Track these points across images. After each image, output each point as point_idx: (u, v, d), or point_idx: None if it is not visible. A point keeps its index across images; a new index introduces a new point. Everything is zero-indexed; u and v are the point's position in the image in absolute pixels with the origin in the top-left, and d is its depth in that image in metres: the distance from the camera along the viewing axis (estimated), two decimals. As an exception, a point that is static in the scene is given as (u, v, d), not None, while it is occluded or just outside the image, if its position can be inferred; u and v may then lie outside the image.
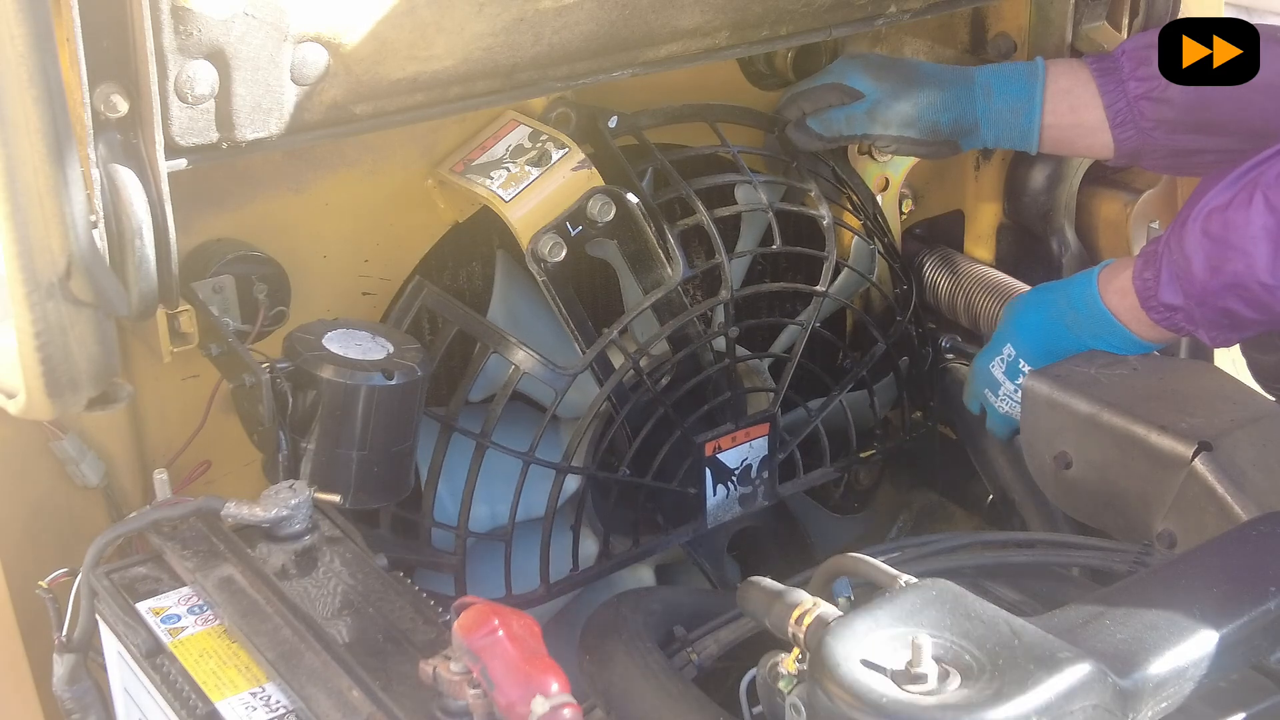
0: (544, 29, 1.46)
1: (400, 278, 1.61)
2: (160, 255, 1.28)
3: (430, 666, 1.03)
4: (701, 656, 1.43)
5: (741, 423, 1.69)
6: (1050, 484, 1.65)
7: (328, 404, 1.36)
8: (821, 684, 1.05)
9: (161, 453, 1.49)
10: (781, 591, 1.23)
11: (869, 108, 1.69)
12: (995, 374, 1.70)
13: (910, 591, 1.14)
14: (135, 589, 1.23)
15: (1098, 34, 1.93)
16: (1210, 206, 1.46)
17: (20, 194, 1.04)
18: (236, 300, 1.46)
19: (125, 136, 1.25)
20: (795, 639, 1.17)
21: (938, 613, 1.10)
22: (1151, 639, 1.12)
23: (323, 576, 1.22)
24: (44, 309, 1.09)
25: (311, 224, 1.53)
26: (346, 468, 1.38)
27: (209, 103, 1.29)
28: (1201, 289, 1.50)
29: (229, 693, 1.12)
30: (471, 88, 1.47)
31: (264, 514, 1.25)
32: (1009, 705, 1.01)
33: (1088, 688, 1.04)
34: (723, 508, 1.72)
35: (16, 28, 1.00)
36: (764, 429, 1.71)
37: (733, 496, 1.73)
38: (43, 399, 1.14)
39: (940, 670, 1.04)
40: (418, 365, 1.40)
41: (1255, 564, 1.23)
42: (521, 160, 1.53)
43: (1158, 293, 1.53)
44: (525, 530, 1.61)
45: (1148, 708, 1.10)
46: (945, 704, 1.02)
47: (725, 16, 1.58)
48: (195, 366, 1.46)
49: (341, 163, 1.52)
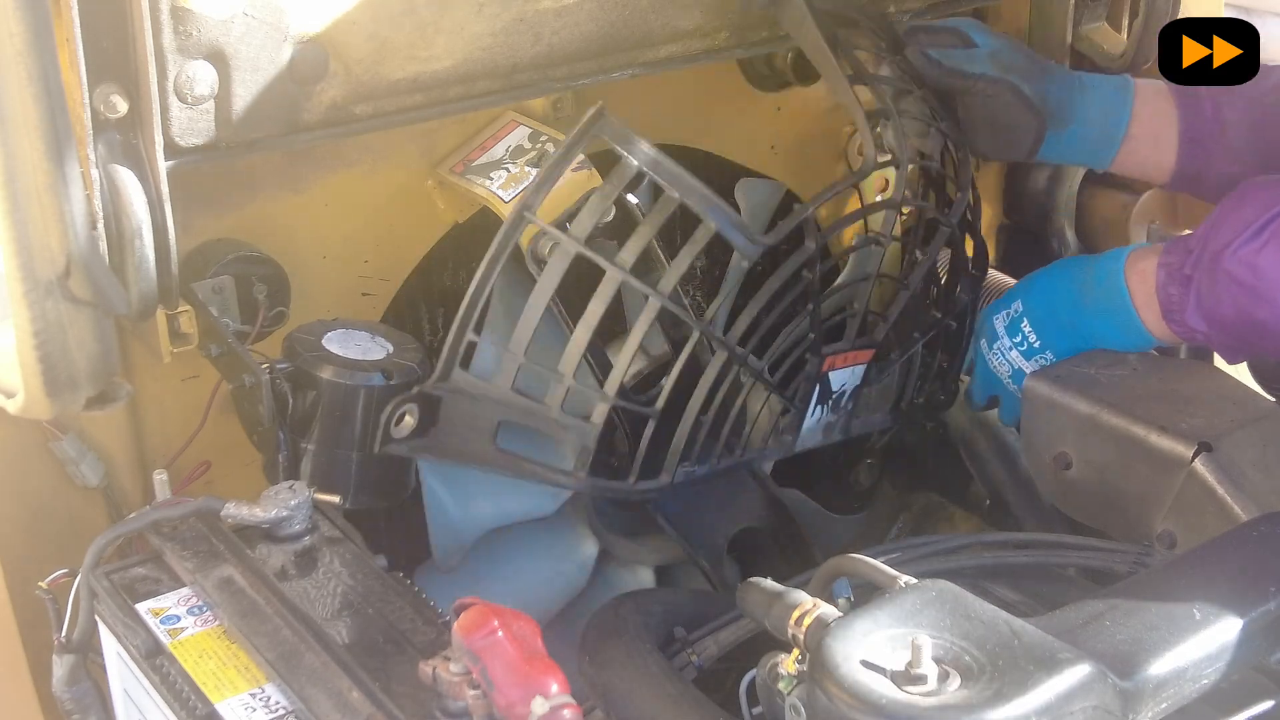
0: (544, 29, 1.46)
1: (400, 278, 1.61)
2: (160, 255, 1.28)
3: (430, 667, 1.03)
4: (701, 657, 1.43)
5: (859, 342, 1.61)
6: (1050, 485, 1.65)
7: (327, 404, 1.36)
8: (821, 685, 1.05)
9: (161, 453, 1.49)
10: (781, 592, 1.23)
11: (991, 51, 1.65)
12: (997, 326, 1.66)
13: (910, 592, 1.14)
14: (135, 590, 1.23)
15: (1097, 34, 1.93)
16: (1242, 249, 1.44)
17: (19, 193, 1.04)
18: (236, 301, 1.46)
19: (125, 136, 1.25)
20: (795, 640, 1.17)
21: (938, 613, 1.09)
22: (1152, 640, 1.12)
23: (322, 577, 1.22)
24: (43, 308, 1.09)
25: (311, 224, 1.53)
26: (346, 468, 1.38)
27: (209, 103, 1.29)
28: (1229, 327, 1.49)
29: (229, 694, 1.12)
30: (471, 88, 1.47)
31: (264, 514, 1.25)
32: (1009, 706, 1.01)
33: (1088, 688, 1.04)
34: (811, 433, 1.64)
35: (16, 27, 1.00)
36: (868, 354, 1.63)
37: (822, 422, 1.65)
38: (42, 398, 1.14)
39: (940, 671, 1.04)
40: (417, 365, 1.40)
41: (1256, 564, 1.23)
42: (521, 161, 1.53)
43: (1184, 315, 1.51)
44: (527, 535, 1.61)
45: (1148, 708, 1.10)
46: (945, 705, 1.01)
47: (725, 17, 1.58)
48: (195, 367, 1.46)
49: (341, 163, 1.52)
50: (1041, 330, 1.61)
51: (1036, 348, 1.62)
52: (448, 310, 1.69)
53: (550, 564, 1.67)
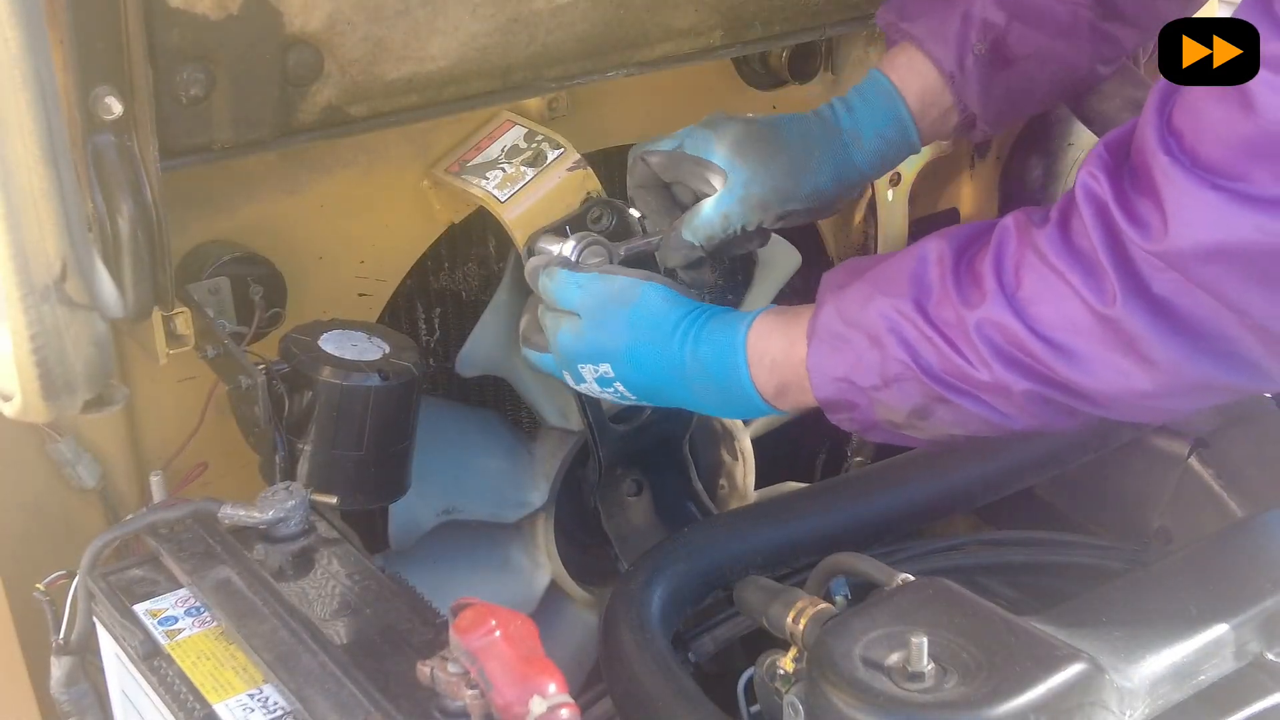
0: (538, 29, 1.46)
1: (396, 279, 1.61)
2: (155, 257, 1.28)
3: (428, 667, 1.03)
4: (699, 654, 1.43)
5: None
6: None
7: (324, 405, 1.36)
8: (819, 683, 1.05)
9: (158, 455, 1.49)
10: (779, 590, 1.23)
11: (742, 194, 1.43)
12: (585, 374, 1.38)
13: (907, 590, 1.14)
14: (132, 591, 1.23)
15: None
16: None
17: (15, 197, 1.04)
18: (232, 302, 1.45)
19: (120, 138, 1.24)
20: (793, 638, 1.18)
21: (935, 611, 1.10)
22: (1148, 636, 1.13)
23: (320, 578, 1.22)
24: (39, 311, 1.09)
25: (307, 225, 1.52)
26: (343, 469, 1.38)
27: (203, 104, 1.29)
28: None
29: (227, 695, 1.12)
30: (466, 88, 1.47)
31: (261, 515, 1.25)
32: (1006, 703, 1.01)
33: (1084, 685, 1.05)
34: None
35: (10, 30, 1.00)
36: None
37: None
38: (38, 401, 1.14)
39: (937, 668, 1.04)
40: (414, 365, 1.40)
41: (1251, 560, 1.24)
42: (517, 160, 1.53)
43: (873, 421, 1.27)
44: (483, 542, 1.62)
45: (1144, 704, 1.10)
46: (943, 702, 1.02)
47: (719, 16, 1.58)
48: (191, 368, 1.45)
49: (336, 164, 1.52)
50: (639, 393, 1.38)
51: (632, 399, 1.40)
52: (444, 310, 1.69)
53: (500, 576, 1.68)
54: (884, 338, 1.19)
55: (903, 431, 1.24)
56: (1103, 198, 1.08)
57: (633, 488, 1.69)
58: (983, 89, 1.46)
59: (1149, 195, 1.06)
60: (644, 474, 1.68)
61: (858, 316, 1.21)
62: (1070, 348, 1.10)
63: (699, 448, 1.77)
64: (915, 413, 1.20)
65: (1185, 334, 1.07)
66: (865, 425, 1.25)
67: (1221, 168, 1.02)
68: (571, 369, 1.39)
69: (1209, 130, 1.03)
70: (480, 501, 1.63)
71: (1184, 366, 1.08)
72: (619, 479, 1.67)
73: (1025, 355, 1.12)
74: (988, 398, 1.15)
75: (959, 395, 1.16)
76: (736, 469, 1.79)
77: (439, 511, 1.59)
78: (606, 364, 1.36)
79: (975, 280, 1.15)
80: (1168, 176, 1.04)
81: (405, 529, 1.58)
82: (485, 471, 1.64)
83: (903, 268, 1.21)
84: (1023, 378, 1.13)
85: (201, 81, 1.27)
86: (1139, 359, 1.09)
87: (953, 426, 1.21)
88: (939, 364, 1.16)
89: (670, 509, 1.70)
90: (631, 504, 1.69)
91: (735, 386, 1.30)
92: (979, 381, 1.15)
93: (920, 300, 1.18)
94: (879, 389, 1.20)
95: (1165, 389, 1.10)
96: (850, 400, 1.23)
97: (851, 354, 1.21)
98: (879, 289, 1.21)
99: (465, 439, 1.65)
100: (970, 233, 1.21)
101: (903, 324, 1.18)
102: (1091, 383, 1.11)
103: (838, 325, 1.22)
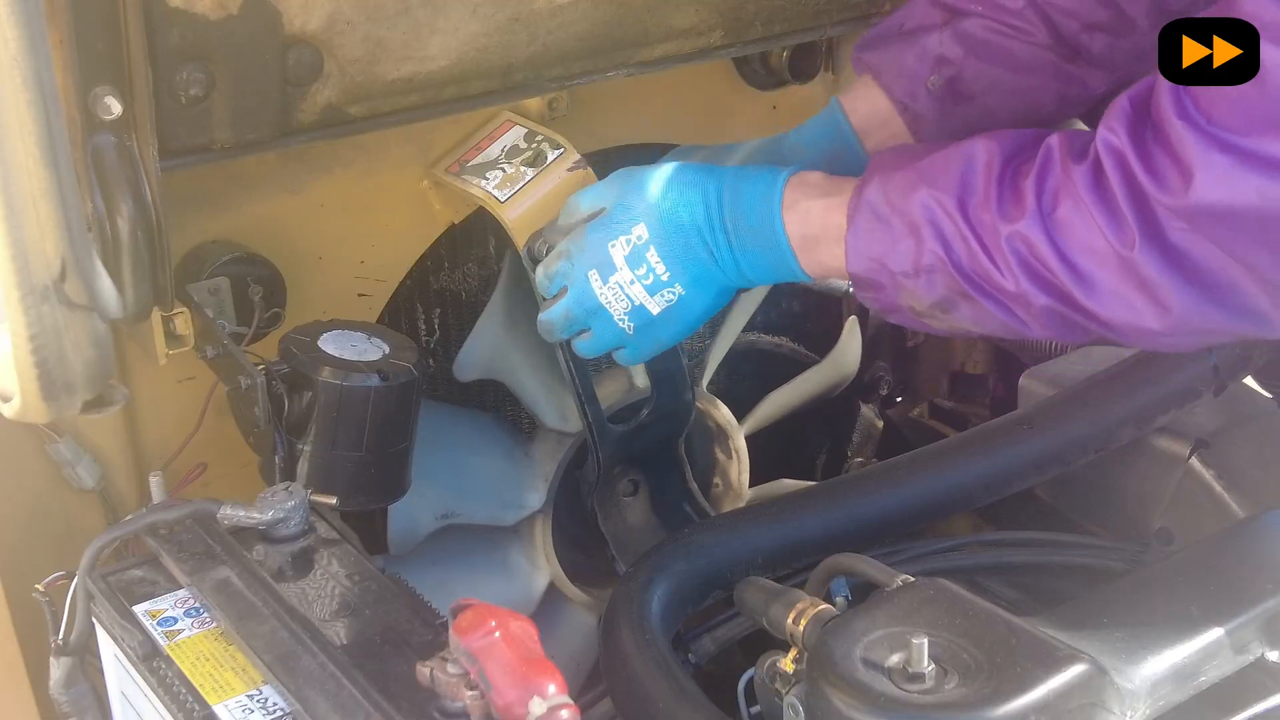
0: (538, 29, 1.46)
1: (396, 279, 1.61)
2: (155, 257, 1.28)
3: (428, 668, 1.03)
4: (699, 655, 1.43)
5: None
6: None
7: (324, 406, 1.36)
8: (820, 684, 1.05)
9: (157, 455, 1.49)
10: (779, 591, 1.23)
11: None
12: (614, 255, 1.35)
13: (908, 591, 1.14)
14: (132, 592, 1.23)
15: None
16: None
17: (14, 197, 1.04)
18: (232, 302, 1.45)
19: (119, 139, 1.24)
20: (793, 638, 1.18)
21: (935, 612, 1.10)
22: (1149, 637, 1.13)
23: (319, 578, 1.22)
24: (39, 312, 1.09)
25: (306, 225, 1.52)
26: (343, 469, 1.38)
27: (203, 104, 1.29)
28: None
29: (226, 695, 1.11)
30: (466, 88, 1.47)
31: (260, 516, 1.25)
32: (1007, 704, 1.01)
33: (1085, 686, 1.05)
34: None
35: (9, 31, 1.00)
36: None
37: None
38: (38, 402, 1.14)
39: (938, 669, 1.04)
40: (414, 366, 1.40)
41: (1252, 561, 1.24)
42: (517, 160, 1.53)
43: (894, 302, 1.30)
44: (475, 538, 1.61)
45: (1145, 705, 1.10)
46: (943, 703, 1.02)
47: (719, 16, 1.58)
48: (191, 369, 1.45)
49: (336, 164, 1.52)
50: (673, 261, 1.34)
51: (665, 281, 1.35)
52: (444, 311, 1.69)
53: (499, 578, 1.68)
54: (923, 229, 1.23)
55: (922, 319, 1.29)
56: (1121, 150, 1.13)
57: (629, 488, 1.69)
58: (939, 121, 1.49)
59: (1167, 152, 1.10)
60: (641, 474, 1.68)
61: (901, 203, 1.25)
62: (1091, 277, 1.16)
63: (694, 446, 1.77)
64: (939, 304, 1.25)
65: (1197, 284, 1.12)
66: (888, 307, 1.30)
67: (1232, 129, 1.06)
68: (601, 259, 1.35)
69: (1221, 92, 1.07)
70: (479, 504, 1.62)
71: (1194, 312, 1.14)
72: (615, 480, 1.67)
73: (1049, 274, 1.17)
74: (1010, 304, 1.21)
75: (983, 296, 1.21)
76: (731, 467, 1.80)
77: (437, 516, 1.59)
78: (641, 224, 1.34)
79: (1017, 196, 1.20)
80: (1181, 136, 1.08)
81: (404, 533, 1.57)
82: (483, 474, 1.64)
83: (951, 164, 1.25)
84: (1044, 294, 1.18)
85: (201, 81, 1.27)
86: (1152, 300, 1.14)
87: (972, 324, 1.26)
88: (969, 263, 1.21)
89: (666, 509, 1.70)
90: (628, 505, 1.69)
91: (768, 230, 1.33)
92: (1004, 288, 1.20)
93: (964, 199, 1.22)
94: (909, 276, 1.25)
95: (1173, 329, 1.16)
96: (879, 281, 1.27)
97: (889, 238, 1.25)
98: (925, 180, 1.24)
99: (463, 441, 1.65)
100: (1019, 141, 1.25)
101: (943, 219, 1.22)
102: (1106, 313, 1.17)
103: (882, 206, 1.26)
